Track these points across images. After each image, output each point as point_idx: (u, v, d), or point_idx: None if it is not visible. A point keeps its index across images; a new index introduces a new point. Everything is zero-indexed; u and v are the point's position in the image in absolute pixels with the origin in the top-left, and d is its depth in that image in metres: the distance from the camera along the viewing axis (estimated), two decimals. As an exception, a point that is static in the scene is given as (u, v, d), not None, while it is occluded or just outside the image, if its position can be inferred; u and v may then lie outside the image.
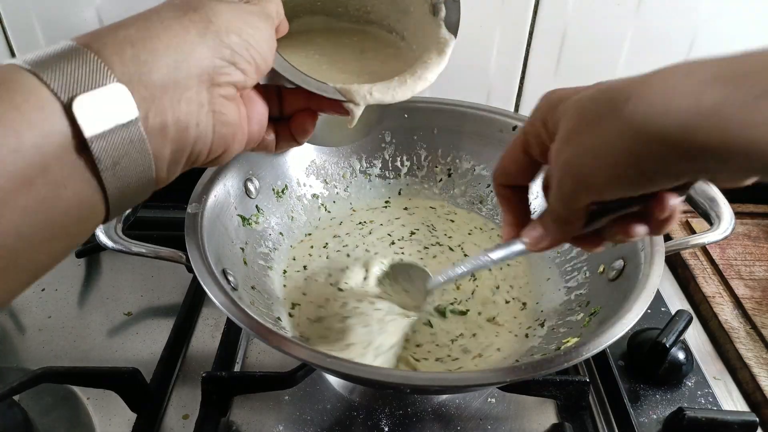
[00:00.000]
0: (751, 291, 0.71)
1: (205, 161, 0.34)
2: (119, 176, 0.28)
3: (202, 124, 0.32)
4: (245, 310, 0.47)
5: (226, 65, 0.32)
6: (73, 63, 0.26)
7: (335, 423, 0.56)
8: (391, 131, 0.75)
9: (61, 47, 0.27)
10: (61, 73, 0.26)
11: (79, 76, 0.26)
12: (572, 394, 0.55)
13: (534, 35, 0.80)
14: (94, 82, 0.26)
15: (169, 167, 0.31)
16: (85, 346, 0.65)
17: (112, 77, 0.27)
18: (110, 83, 0.27)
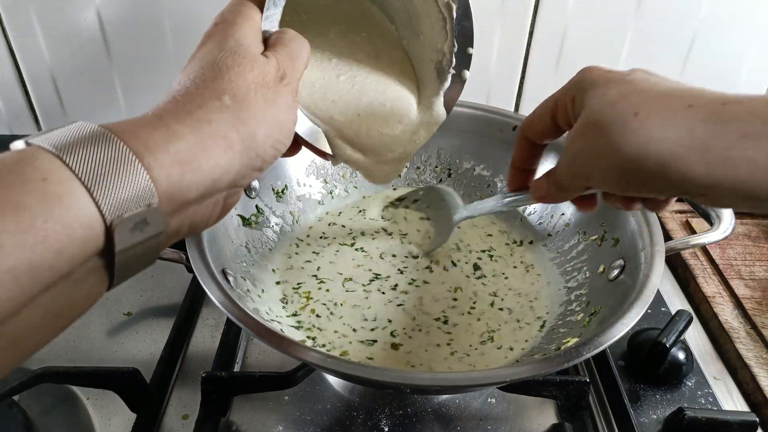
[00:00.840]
0: (751, 291, 0.71)
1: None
2: (129, 272, 0.30)
3: (213, 217, 0.34)
4: (245, 310, 0.47)
5: (253, 172, 0.34)
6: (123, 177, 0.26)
7: (335, 423, 0.56)
8: (391, 131, 0.75)
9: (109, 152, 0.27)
10: (109, 190, 0.26)
11: (128, 194, 0.26)
12: (572, 394, 0.55)
13: (534, 35, 0.80)
14: (139, 203, 0.27)
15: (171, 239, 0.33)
16: (85, 346, 0.65)
17: (156, 198, 0.28)
18: (153, 204, 0.27)
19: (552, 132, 0.43)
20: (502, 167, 0.73)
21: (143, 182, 0.27)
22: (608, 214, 0.61)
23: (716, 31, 0.78)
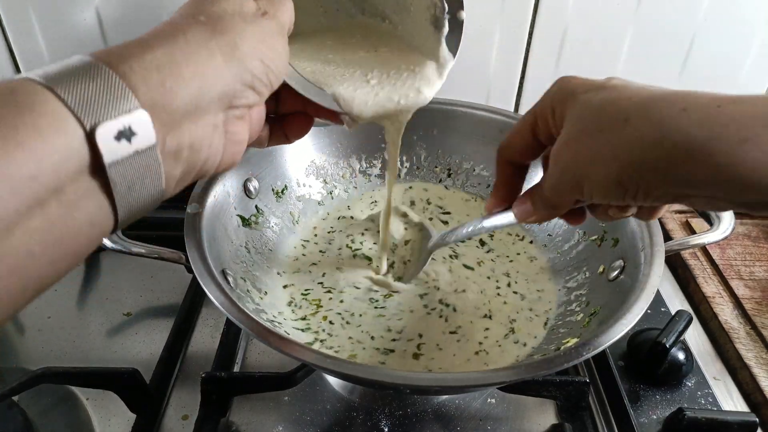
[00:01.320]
0: (751, 291, 0.71)
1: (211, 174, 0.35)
2: (132, 197, 0.28)
3: (215, 145, 0.32)
4: (245, 310, 0.47)
5: (245, 89, 0.33)
6: (97, 85, 0.26)
7: (335, 423, 0.56)
8: (391, 131, 0.75)
9: (83, 64, 0.27)
10: (84, 96, 0.25)
11: (103, 100, 0.26)
12: (572, 394, 0.55)
13: (534, 35, 0.80)
14: (118, 109, 0.26)
15: (177, 184, 0.31)
16: (85, 347, 0.65)
17: (137, 104, 0.27)
18: (134, 110, 0.27)
19: (534, 149, 0.42)
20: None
21: (118, 88, 0.26)
22: (608, 214, 0.61)
23: (716, 31, 0.78)
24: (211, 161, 0.33)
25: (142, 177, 0.28)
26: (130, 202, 0.28)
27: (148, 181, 0.28)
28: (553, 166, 0.37)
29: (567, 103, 0.36)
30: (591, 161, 0.34)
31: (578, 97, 0.36)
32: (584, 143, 0.35)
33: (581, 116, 0.35)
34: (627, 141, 0.32)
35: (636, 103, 0.33)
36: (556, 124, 0.38)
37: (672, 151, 0.31)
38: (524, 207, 0.44)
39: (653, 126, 0.32)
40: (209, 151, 0.32)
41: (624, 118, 0.33)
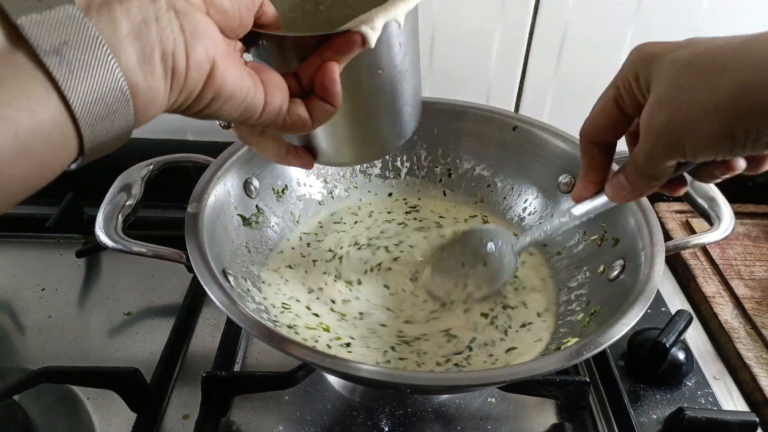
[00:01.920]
0: (751, 291, 0.71)
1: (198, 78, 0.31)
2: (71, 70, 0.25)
3: (164, 19, 0.29)
4: (245, 309, 0.47)
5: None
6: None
7: (335, 423, 0.56)
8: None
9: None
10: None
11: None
12: (572, 394, 0.55)
13: (534, 35, 0.80)
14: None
15: (141, 68, 0.28)
16: (85, 346, 0.65)
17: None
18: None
19: (621, 125, 0.40)
20: (502, 167, 0.73)
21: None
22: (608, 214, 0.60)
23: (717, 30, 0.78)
24: (170, 41, 0.29)
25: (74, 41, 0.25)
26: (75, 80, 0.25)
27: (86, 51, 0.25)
28: (647, 132, 0.36)
29: (652, 66, 0.35)
30: (691, 118, 0.32)
31: (663, 57, 0.35)
32: (680, 101, 0.33)
33: (672, 74, 0.34)
34: (728, 89, 0.31)
35: (729, 50, 0.32)
36: (642, 91, 0.36)
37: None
38: (618, 184, 0.41)
39: (754, 69, 0.30)
40: (159, 26, 0.28)
41: (721, 67, 0.31)
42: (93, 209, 0.58)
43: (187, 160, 0.64)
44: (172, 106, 0.31)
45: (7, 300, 0.70)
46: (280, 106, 0.36)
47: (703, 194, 0.60)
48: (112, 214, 0.55)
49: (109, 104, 0.27)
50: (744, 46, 0.31)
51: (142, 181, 0.59)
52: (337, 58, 0.37)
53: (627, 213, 0.58)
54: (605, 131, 0.41)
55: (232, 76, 0.33)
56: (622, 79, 0.38)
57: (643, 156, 0.37)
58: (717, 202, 0.59)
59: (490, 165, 0.74)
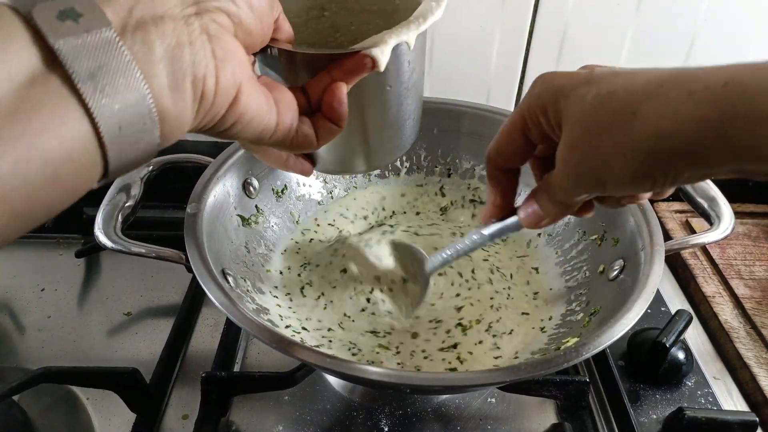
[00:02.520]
0: (751, 291, 0.71)
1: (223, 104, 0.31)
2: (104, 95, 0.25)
3: (197, 44, 0.29)
4: (245, 310, 0.47)
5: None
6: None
7: (335, 423, 0.56)
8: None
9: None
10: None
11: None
12: (572, 394, 0.55)
13: (534, 35, 0.80)
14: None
15: (171, 93, 0.28)
16: (85, 346, 0.65)
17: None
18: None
19: (526, 152, 0.41)
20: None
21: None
22: (608, 213, 0.61)
23: (717, 30, 0.78)
24: (203, 66, 0.29)
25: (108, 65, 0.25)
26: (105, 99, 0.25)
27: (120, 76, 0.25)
28: (564, 169, 0.36)
29: (560, 103, 0.35)
30: (608, 160, 0.33)
31: (569, 94, 0.35)
32: (593, 144, 0.33)
33: (581, 117, 0.34)
34: (642, 135, 0.31)
35: (636, 92, 0.32)
36: (551, 125, 0.37)
37: (691, 136, 0.30)
38: (532, 211, 0.42)
39: (665, 115, 0.30)
40: (192, 50, 0.28)
41: (631, 112, 0.32)
42: (92, 209, 0.58)
43: (186, 160, 0.64)
44: (195, 127, 0.31)
45: (7, 300, 0.70)
46: (290, 126, 0.37)
47: (703, 194, 0.60)
48: (111, 214, 0.55)
49: (138, 129, 0.26)
50: (651, 89, 0.32)
51: (142, 182, 0.59)
52: (346, 79, 0.38)
53: (627, 213, 0.58)
54: (511, 158, 0.42)
55: (255, 100, 0.33)
56: (528, 110, 0.38)
57: (560, 189, 0.38)
58: (717, 202, 0.59)
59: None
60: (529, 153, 0.41)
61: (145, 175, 0.60)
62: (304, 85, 0.39)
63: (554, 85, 0.36)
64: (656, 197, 0.40)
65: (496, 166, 0.43)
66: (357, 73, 0.38)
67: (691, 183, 0.34)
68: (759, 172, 0.30)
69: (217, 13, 0.30)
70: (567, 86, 0.35)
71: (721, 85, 0.29)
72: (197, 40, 0.29)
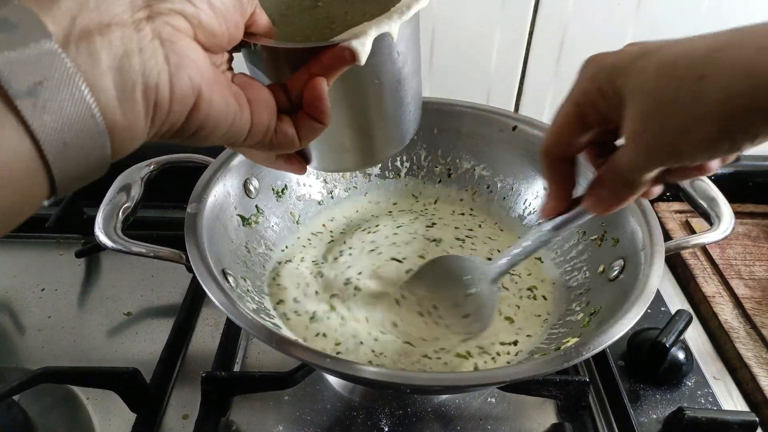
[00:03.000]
0: (751, 291, 0.71)
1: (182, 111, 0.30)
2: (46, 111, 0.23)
3: (147, 51, 0.27)
4: (245, 310, 0.47)
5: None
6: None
7: (335, 423, 0.56)
8: (391, 131, 0.75)
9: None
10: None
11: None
12: (572, 394, 0.55)
13: (534, 35, 0.80)
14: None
15: (121, 105, 0.26)
16: (85, 346, 0.65)
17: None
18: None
19: (585, 138, 0.40)
20: (502, 167, 0.73)
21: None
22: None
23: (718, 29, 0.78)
24: (154, 73, 0.28)
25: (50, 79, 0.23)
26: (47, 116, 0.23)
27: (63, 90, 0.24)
28: (634, 146, 0.35)
29: (617, 80, 0.35)
30: (682, 128, 0.32)
31: (627, 69, 0.34)
32: (664, 115, 0.33)
33: (645, 88, 0.33)
34: (714, 96, 0.31)
35: (701, 56, 0.32)
36: (610, 105, 0.36)
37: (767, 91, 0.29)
38: (601, 196, 0.40)
39: (737, 74, 0.30)
40: (142, 57, 0.27)
41: (699, 76, 0.31)
42: (93, 209, 0.58)
43: (186, 160, 0.64)
44: (153, 137, 0.30)
45: (7, 300, 0.70)
46: (266, 127, 0.35)
47: (703, 194, 0.60)
48: (111, 214, 0.55)
49: (86, 144, 0.25)
50: (714, 51, 0.31)
51: (142, 182, 0.59)
52: (326, 73, 0.36)
53: (627, 213, 0.58)
54: (570, 147, 0.41)
55: (218, 104, 0.32)
56: (584, 95, 0.37)
57: (630, 168, 0.37)
58: (717, 202, 0.59)
59: (490, 165, 0.74)
60: (586, 139, 0.40)
61: (146, 175, 0.60)
62: (285, 82, 0.37)
63: (607, 64, 0.36)
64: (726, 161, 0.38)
65: (555, 158, 0.42)
66: (336, 67, 0.36)
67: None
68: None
69: (172, 16, 0.29)
70: (622, 62, 0.35)
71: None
72: (148, 46, 0.27)
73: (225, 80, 0.33)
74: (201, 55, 0.31)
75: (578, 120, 0.39)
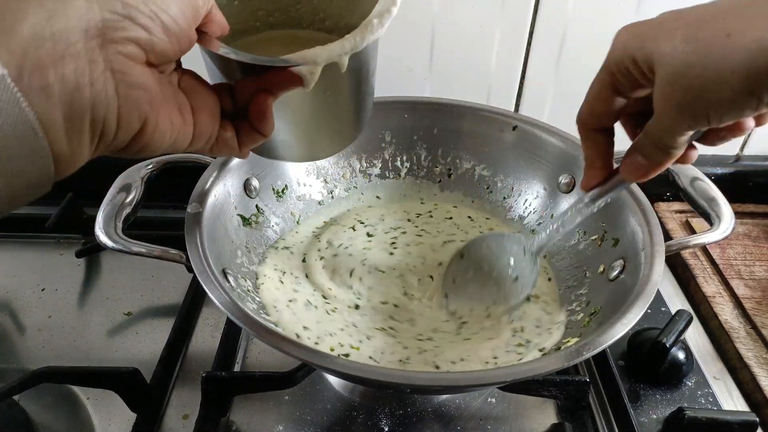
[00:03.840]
0: (751, 291, 0.71)
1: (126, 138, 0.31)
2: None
3: (99, 83, 0.28)
4: (245, 310, 0.47)
5: (119, 19, 0.28)
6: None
7: (335, 423, 0.56)
8: (391, 131, 0.75)
9: None
10: None
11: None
12: (572, 394, 0.55)
13: (534, 35, 0.80)
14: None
15: (68, 136, 0.27)
16: (85, 346, 0.65)
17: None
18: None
19: (619, 107, 0.41)
20: (503, 167, 0.73)
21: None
22: (608, 214, 0.61)
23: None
24: (103, 106, 0.28)
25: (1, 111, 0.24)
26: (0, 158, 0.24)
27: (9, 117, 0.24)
28: (665, 109, 0.36)
29: (648, 47, 0.36)
30: (710, 88, 0.33)
31: (657, 35, 0.35)
32: (693, 73, 0.33)
33: (674, 51, 0.34)
34: (740, 54, 0.31)
35: (726, 15, 0.32)
36: (642, 72, 0.37)
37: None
38: (636, 163, 0.41)
39: (761, 30, 0.30)
40: (93, 90, 0.28)
41: (725, 34, 0.32)
42: (93, 209, 0.58)
43: (187, 159, 0.64)
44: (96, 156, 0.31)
45: (7, 300, 0.70)
46: (210, 134, 0.36)
47: (703, 194, 0.60)
48: (111, 214, 0.55)
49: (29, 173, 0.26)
50: (740, 8, 0.32)
51: (142, 181, 0.59)
52: (273, 90, 0.37)
53: (627, 213, 0.58)
54: (604, 117, 0.42)
55: (163, 126, 0.32)
56: (616, 64, 0.38)
57: (662, 131, 0.37)
58: (717, 202, 0.59)
59: (490, 165, 0.74)
60: (621, 109, 0.41)
61: (146, 175, 0.60)
62: (232, 86, 0.38)
63: (637, 31, 0.37)
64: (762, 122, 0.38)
65: (591, 127, 0.43)
66: (284, 87, 0.38)
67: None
68: None
69: (125, 44, 0.29)
70: (652, 28, 0.36)
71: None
72: (99, 78, 0.28)
73: (171, 92, 0.34)
74: (151, 79, 0.31)
75: (611, 89, 0.40)
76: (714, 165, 0.87)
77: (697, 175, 0.62)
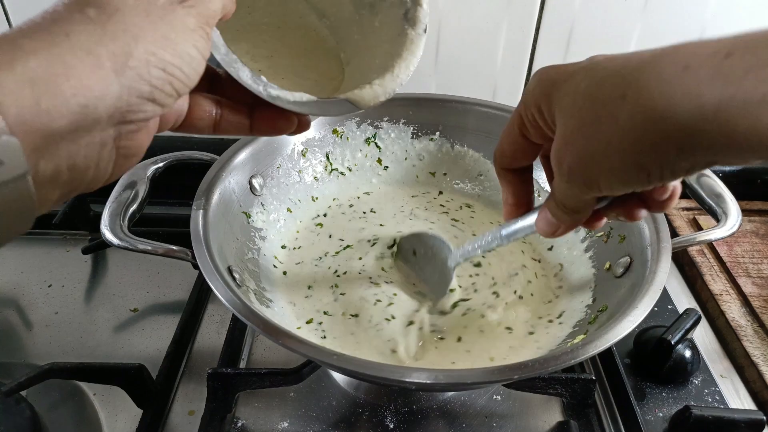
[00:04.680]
0: (758, 289, 0.70)
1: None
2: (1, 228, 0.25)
3: (103, 164, 0.28)
4: (250, 306, 0.47)
5: (142, 103, 0.28)
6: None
7: (340, 420, 0.56)
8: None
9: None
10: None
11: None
12: (578, 391, 0.55)
13: (540, 32, 0.79)
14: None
15: (53, 205, 0.28)
16: (92, 342, 0.65)
17: (4, 127, 0.23)
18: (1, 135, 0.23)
19: (527, 152, 0.39)
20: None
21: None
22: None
23: (725, 27, 0.78)
24: (97, 180, 0.29)
25: (11, 207, 0.24)
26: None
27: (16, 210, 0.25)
28: (559, 171, 0.34)
29: (553, 97, 0.33)
30: (599, 155, 0.30)
31: (562, 87, 0.32)
32: (585, 137, 0.30)
33: (573, 109, 0.31)
34: (630, 121, 0.28)
35: (628, 74, 0.28)
36: (547, 123, 0.34)
37: (684, 119, 0.26)
38: (545, 218, 0.39)
39: (654, 95, 0.27)
40: (96, 171, 0.28)
41: (620, 95, 0.28)
42: (99, 206, 0.58)
43: (192, 157, 0.64)
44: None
45: (15, 296, 0.71)
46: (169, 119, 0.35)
47: (710, 191, 0.60)
48: (117, 211, 0.55)
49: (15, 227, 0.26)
50: (643, 66, 0.28)
51: (148, 179, 0.60)
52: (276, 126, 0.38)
53: (633, 210, 0.58)
54: (515, 157, 0.40)
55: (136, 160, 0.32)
56: (525, 108, 0.36)
57: (560, 192, 0.35)
58: (724, 199, 0.59)
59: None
60: (533, 151, 0.39)
61: (152, 173, 0.60)
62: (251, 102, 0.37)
63: (548, 77, 0.34)
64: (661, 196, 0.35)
65: (503, 166, 0.42)
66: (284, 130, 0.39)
67: (693, 173, 0.30)
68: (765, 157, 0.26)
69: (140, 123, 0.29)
70: (561, 78, 0.33)
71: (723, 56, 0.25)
72: (104, 157, 0.28)
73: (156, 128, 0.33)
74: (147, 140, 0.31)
75: (520, 133, 0.38)
76: (721, 162, 0.87)
77: (704, 171, 0.61)
